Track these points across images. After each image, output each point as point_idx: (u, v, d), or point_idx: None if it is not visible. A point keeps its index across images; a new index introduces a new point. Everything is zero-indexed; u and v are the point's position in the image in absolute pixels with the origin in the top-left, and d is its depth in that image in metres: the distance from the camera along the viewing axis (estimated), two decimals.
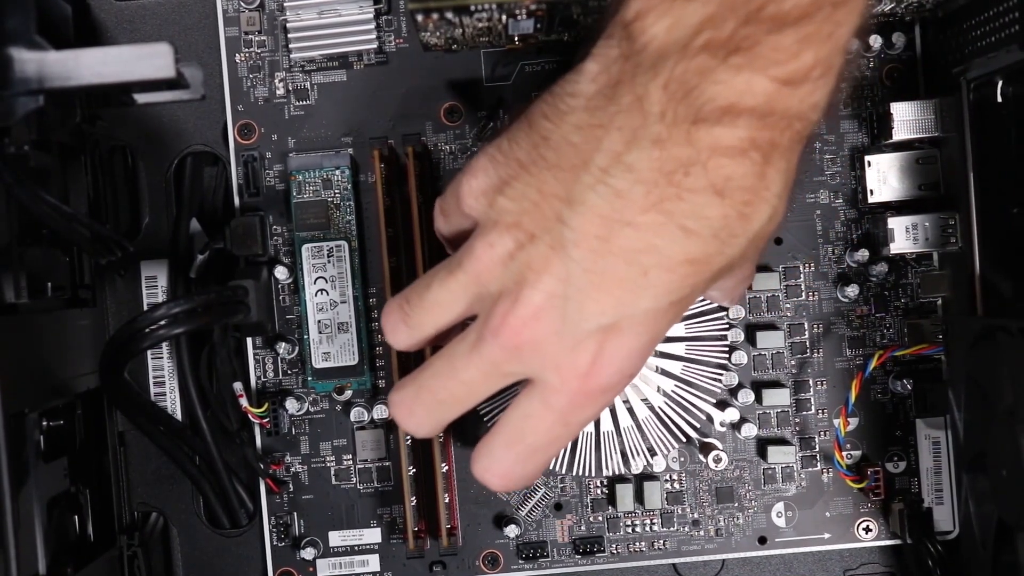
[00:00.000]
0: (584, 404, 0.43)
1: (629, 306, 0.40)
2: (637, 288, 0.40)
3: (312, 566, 0.61)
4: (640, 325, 0.41)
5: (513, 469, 0.45)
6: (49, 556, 0.51)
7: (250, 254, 0.59)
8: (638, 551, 0.62)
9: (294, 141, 0.60)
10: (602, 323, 0.40)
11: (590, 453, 0.58)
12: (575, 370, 0.41)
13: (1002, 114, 0.53)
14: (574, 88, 0.40)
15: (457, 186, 0.44)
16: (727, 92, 0.37)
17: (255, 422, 0.60)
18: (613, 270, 0.39)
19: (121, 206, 0.62)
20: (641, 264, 0.39)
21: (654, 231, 0.38)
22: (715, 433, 0.61)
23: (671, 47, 0.37)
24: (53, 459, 0.53)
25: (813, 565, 0.62)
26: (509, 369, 0.43)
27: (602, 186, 0.39)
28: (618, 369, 0.42)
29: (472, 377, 0.43)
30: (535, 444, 0.44)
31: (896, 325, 0.61)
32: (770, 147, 0.38)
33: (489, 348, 0.42)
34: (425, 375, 0.45)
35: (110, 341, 0.54)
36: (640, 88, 0.38)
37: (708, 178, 0.38)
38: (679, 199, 0.38)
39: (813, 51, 0.37)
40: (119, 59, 0.43)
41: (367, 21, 0.58)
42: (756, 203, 0.39)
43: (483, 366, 0.43)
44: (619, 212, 0.39)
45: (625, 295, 0.40)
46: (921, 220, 0.58)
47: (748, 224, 0.39)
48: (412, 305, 0.45)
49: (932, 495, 0.60)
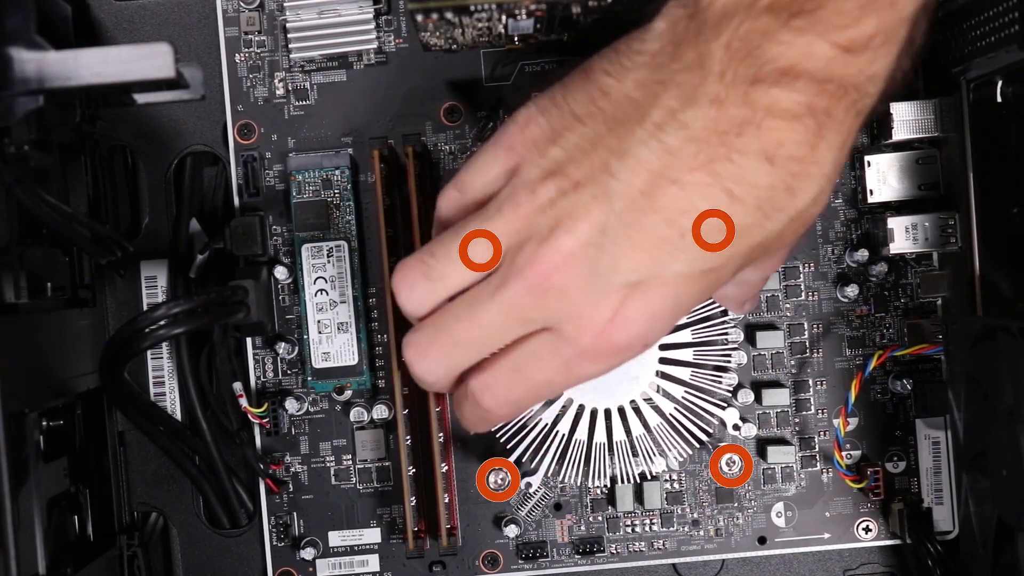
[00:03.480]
0: (593, 359, 0.42)
1: (662, 266, 0.40)
2: (673, 249, 0.40)
3: (312, 566, 0.61)
4: (667, 288, 0.40)
5: (507, 393, 0.45)
6: (49, 556, 0.51)
7: (250, 254, 0.59)
8: (638, 551, 0.62)
9: (294, 141, 0.60)
10: (631, 279, 0.40)
11: (602, 462, 0.58)
12: (593, 324, 0.41)
13: (1002, 114, 0.53)
14: (640, 46, 0.40)
15: (502, 137, 0.44)
16: (788, 54, 0.37)
17: (255, 422, 0.60)
18: (652, 227, 0.39)
19: (121, 206, 0.62)
20: (681, 225, 0.39)
21: (700, 192, 0.39)
22: (728, 436, 0.61)
23: (736, 7, 0.37)
24: (53, 459, 0.53)
25: (813, 565, 0.62)
26: (530, 315, 0.42)
27: (655, 141, 0.39)
28: (636, 331, 0.41)
29: (492, 320, 0.43)
30: (533, 380, 0.44)
31: (896, 325, 0.61)
32: (825, 116, 0.38)
33: (514, 290, 0.42)
34: (444, 317, 0.45)
35: (110, 341, 0.54)
36: (703, 46, 0.38)
37: (760, 141, 0.38)
38: (729, 160, 0.38)
39: (875, 18, 0.37)
40: (119, 59, 0.43)
41: (367, 21, 0.58)
42: (803, 177, 0.39)
43: (505, 309, 0.42)
44: (668, 169, 0.39)
45: (660, 254, 0.40)
46: (921, 220, 0.58)
47: (793, 199, 0.39)
48: (437, 257, 0.44)
49: (932, 495, 0.60)
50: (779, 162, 0.38)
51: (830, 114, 0.38)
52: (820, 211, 0.41)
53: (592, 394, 0.57)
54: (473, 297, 0.43)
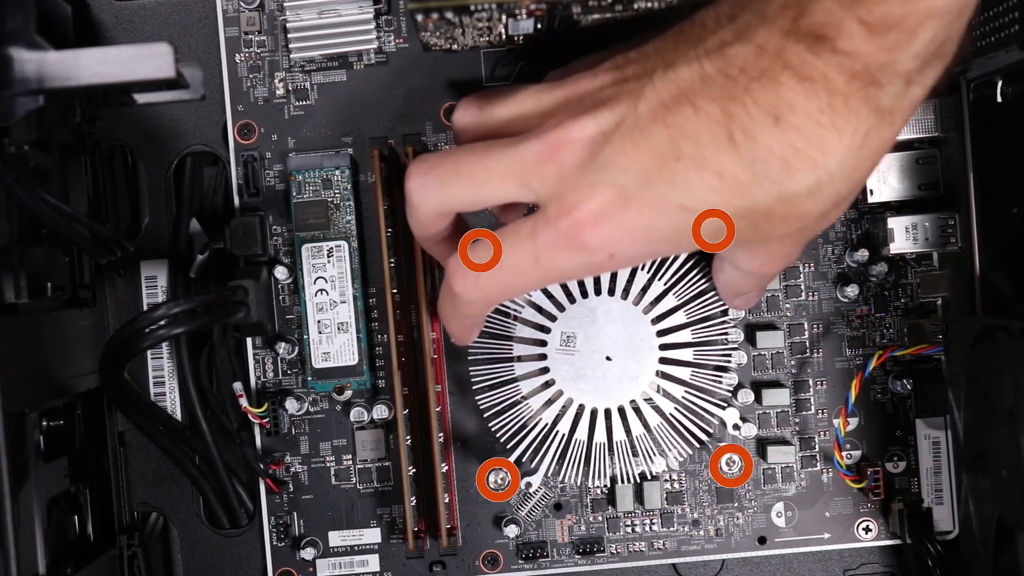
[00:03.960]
0: (563, 248, 0.43)
1: (645, 180, 0.41)
2: (663, 167, 0.41)
3: (312, 566, 0.61)
4: (644, 205, 0.42)
5: (477, 275, 0.46)
6: (49, 556, 0.51)
7: (250, 254, 0.59)
8: (638, 551, 0.62)
9: (294, 141, 0.60)
10: (619, 180, 0.42)
11: (602, 462, 0.58)
12: (572, 210, 0.42)
13: (1002, 114, 0.53)
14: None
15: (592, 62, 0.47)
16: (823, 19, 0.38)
17: (255, 422, 0.60)
18: (656, 138, 0.41)
19: (121, 206, 0.62)
20: (680, 149, 0.40)
21: (707, 125, 0.40)
22: (728, 436, 0.61)
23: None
24: (53, 459, 0.53)
25: (813, 565, 0.62)
26: (529, 179, 0.44)
27: (697, 64, 0.40)
28: (606, 234, 0.42)
29: (496, 166, 0.45)
30: (504, 264, 0.45)
31: (896, 325, 0.61)
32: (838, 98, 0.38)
33: (526, 148, 0.44)
34: (456, 150, 0.47)
35: (110, 341, 0.54)
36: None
37: (774, 96, 0.38)
38: (742, 104, 0.39)
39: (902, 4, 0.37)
40: (119, 59, 0.43)
41: (367, 21, 0.58)
42: (803, 157, 0.39)
43: (512, 161, 0.44)
44: (693, 92, 0.40)
45: (650, 168, 0.41)
46: (921, 220, 0.58)
47: (787, 176, 0.40)
48: (492, 102, 0.48)
49: (932, 495, 0.60)
50: (784, 126, 0.39)
51: (844, 97, 0.38)
52: (819, 215, 0.41)
53: (592, 394, 0.57)
54: (493, 143, 0.46)
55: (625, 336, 0.57)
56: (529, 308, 0.58)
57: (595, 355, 0.57)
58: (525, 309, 0.57)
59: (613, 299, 0.57)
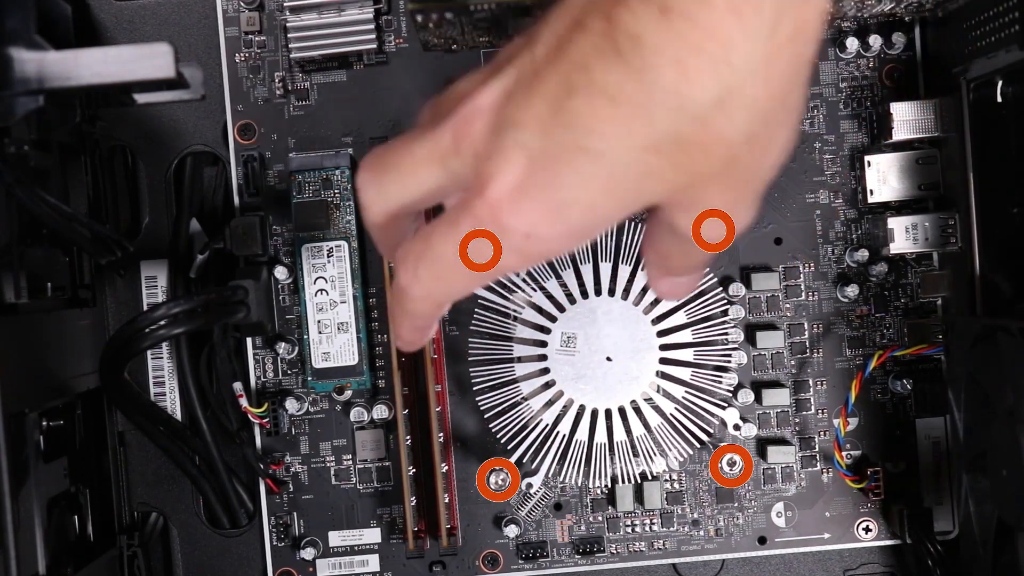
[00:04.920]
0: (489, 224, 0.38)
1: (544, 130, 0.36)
2: (558, 109, 0.35)
3: (312, 566, 0.61)
4: (550, 161, 0.36)
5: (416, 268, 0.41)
6: (49, 556, 0.51)
7: (250, 254, 0.59)
8: (638, 551, 0.62)
9: (294, 141, 0.60)
10: (520, 140, 0.36)
11: (602, 462, 0.58)
12: (484, 190, 0.37)
13: (1002, 114, 0.53)
14: None
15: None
16: None
17: (255, 422, 0.60)
18: (550, 80, 0.36)
19: (121, 206, 0.62)
20: (571, 83, 0.35)
21: (594, 44, 0.34)
22: (728, 436, 0.61)
23: None
24: (53, 459, 0.53)
25: (813, 565, 0.62)
26: (449, 162, 0.40)
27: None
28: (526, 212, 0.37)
29: (420, 154, 0.41)
30: (436, 253, 0.40)
31: (896, 325, 0.61)
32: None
33: (442, 129, 0.40)
34: (392, 141, 0.43)
35: (110, 341, 0.54)
36: None
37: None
38: (626, 4, 0.33)
39: None
40: (119, 59, 0.43)
41: (367, 21, 0.58)
42: (701, 55, 0.32)
43: (431, 145, 0.40)
44: (583, 14, 0.35)
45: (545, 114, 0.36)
46: (921, 220, 0.58)
47: (684, 80, 0.33)
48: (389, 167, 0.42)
49: (932, 495, 0.60)
50: (672, 16, 0.32)
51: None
52: (745, 137, 0.34)
53: (593, 394, 0.57)
54: (419, 131, 0.42)
55: (625, 336, 0.57)
56: (529, 309, 0.58)
57: (595, 355, 0.57)
58: (525, 310, 0.58)
59: (613, 299, 0.57)
